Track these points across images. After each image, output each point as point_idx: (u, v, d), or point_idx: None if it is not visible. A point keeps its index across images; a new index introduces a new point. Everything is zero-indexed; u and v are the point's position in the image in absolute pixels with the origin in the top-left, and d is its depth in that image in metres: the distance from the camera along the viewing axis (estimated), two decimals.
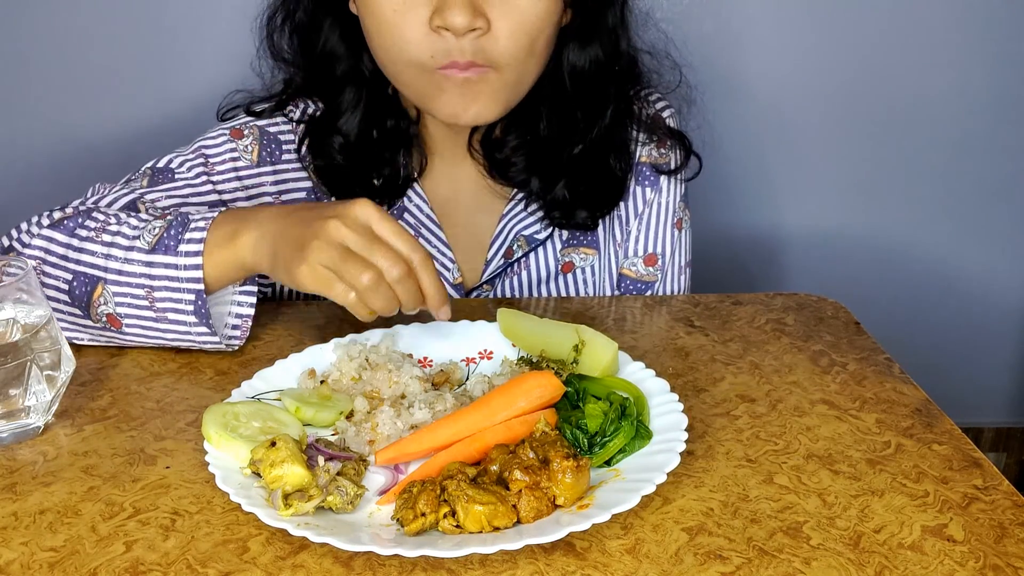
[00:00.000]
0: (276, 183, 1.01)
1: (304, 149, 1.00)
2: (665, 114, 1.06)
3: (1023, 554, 0.58)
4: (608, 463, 0.66)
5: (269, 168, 1.01)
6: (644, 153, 1.05)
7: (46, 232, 0.84)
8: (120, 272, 0.80)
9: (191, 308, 0.79)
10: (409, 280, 0.72)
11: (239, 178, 0.99)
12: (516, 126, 0.99)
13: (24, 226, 0.86)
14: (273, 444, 0.62)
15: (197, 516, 0.62)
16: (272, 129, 1.01)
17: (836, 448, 0.70)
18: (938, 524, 0.61)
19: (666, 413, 0.70)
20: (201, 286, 0.79)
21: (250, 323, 0.85)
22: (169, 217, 0.82)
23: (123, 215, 0.84)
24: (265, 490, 0.62)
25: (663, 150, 1.05)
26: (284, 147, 1.01)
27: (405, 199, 1.02)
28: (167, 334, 0.82)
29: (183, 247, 0.79)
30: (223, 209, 0.81)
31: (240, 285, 0.84)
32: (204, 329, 0.80)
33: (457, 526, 0.59)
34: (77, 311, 0.83)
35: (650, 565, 0.57)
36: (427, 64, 0.87)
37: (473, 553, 0.56)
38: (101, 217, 0.84)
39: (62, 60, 1.37)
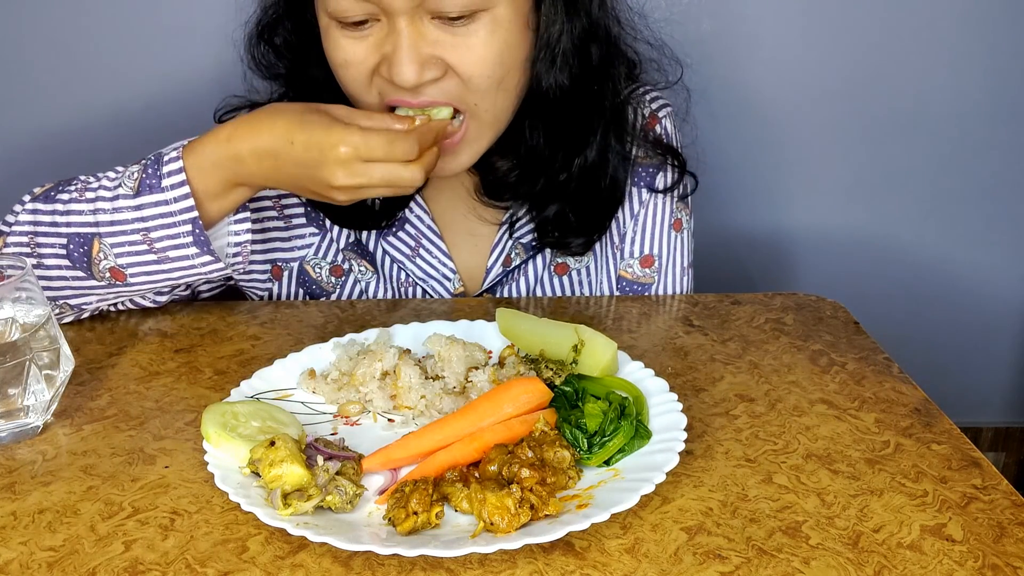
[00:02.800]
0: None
1: None
2: (660, 113, 1.05)
3: (1022, 554, 0.58)
4: (607, 463, 0.66)
5: None
6: (640, 153, 1.04)
7: (29, 206, 0.85)
8: (112, 223, 0.81)
9: (190, 239, 0.80)
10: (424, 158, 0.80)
11: None
12: (509, 142, 0.97)
13: (9, 217, 0.86)
14: (272, 444, 0.62)
15: (196, 516, 0.62)
16: None
17: (835, 448, 0.70)
18: (937, 524, 0.61)
19: (665, 413, 0.70)
20: (195, 214, 0.80)
21: (249, 248, 0.87)
22: (144, 161, 0.83)
23: (99, 174, 0.85)
24: (264, 489, 0.62)
25: (659, 149, 1.04)
26: None
27: (407, 211, 1.02)
28: (173, 272, 0.83)
29: (166, 181, 0.80)
30: (182, 144, 0.83)
31: (233, 215, 0.86)
32: (208, 258, 0.82)
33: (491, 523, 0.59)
34: (80, 273, 0.84)
35: (649, 565, 0.57)
36: (377, 104, 0.87)
37: (472, 553, 0.56)
38: (78, 182, 0.85)
39: (54, 59, 1.37)
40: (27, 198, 0.86)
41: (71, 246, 0.82)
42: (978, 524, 0.61)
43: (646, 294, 1.06)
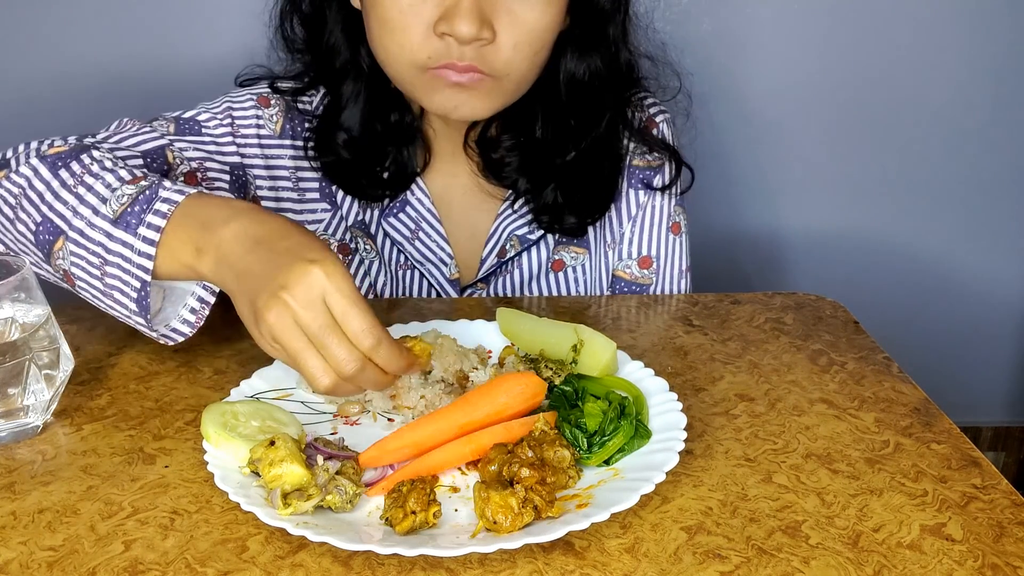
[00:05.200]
0: (294, 158, 1.02)
1: (311, 148, 1.01)
2: (658, 119, 1.06)
3: (1022, 553, 0.58)
4: (607, 462, 0.66)
5: (289, 142, 1.02)
6: (637, 156, 1.05)
7: (34, 161, 0.80)
8: (82, 233, 0.76)
9: (134, 295, 0.75)
10: (365, 372, 0.65)
11: (261, 146, 1.00)
12: (512, 127, 1.00)
13: (22, 148, 0.83)
14: (272, 443, 0.62)
15: (196, 515, 0.62)
16: (299, 105, 1.02)
17: (835, 447, 0.70)
18: (937, 523, 0.61)
19: (665, 412, 0.70)
20: (148, 276, 0.73)
21: (207, 311, 0.79)
22: (144, 184, 0.77)
23: (109, 163, 0.80)
24: (264, 489, 0.62)
25: (656, 153, 1.05)
26: (306, 124, 1.02)
27: (408, 193, 1.03)
28: (111, 309, 0.78)
29: (142, 230, 0.73)
30: (191, 192, 0.75)
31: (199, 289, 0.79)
32: (141, 320, 0.76)
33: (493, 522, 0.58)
34: (40, 255, 0.80)
35: (649, 564, 0.57)
36: (424, 64, 0.87)
37: (472, 552, 0.56)
38: (87, 161, 0.79)
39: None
40: (44, 147, 0.82)
41: (41, 227, 0.78)
42: (978, 524, 0.61)
43: (645, 294, 1.06)
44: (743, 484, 0.65)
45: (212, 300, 0.78)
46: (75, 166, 0.79)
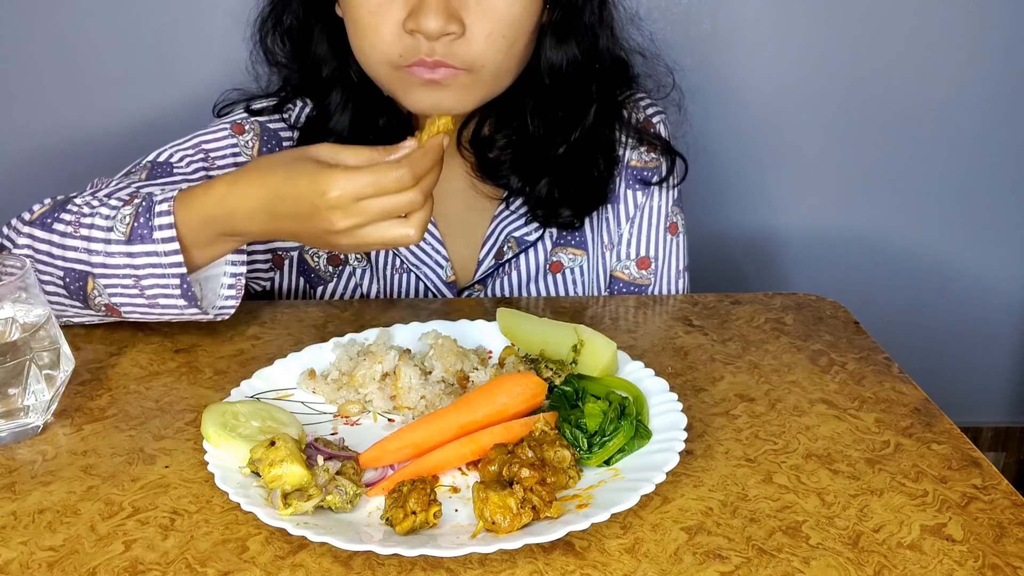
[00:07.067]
0: None
1: None
2: (655, 119, 1.06)
3: (1022, 553, 0.58)
4: (607, 462, 0.66)
5: None
6: (634, 157, 1.05)
7: (26, 229, 0.85)
8: (104, 265, 0.81)
9: (178, 292, 0.81)
10: (424, 187, 0.75)
11: None
12: (505, 125, 1.00)
13: (13, 221, 0.87)
14: (272, 443, 0.62)
15: (196, 515, 0.62)
16: (272, 126, 1.03)
17: (835, 447, 0.70)
18: (937, 523, 0.61)
19: (665, 412, 0.70)
20: (183, 270, 0.80)
21: (243, 281, 0.86)
22: (137, 201, 0.82)
23: (95, 202, 0.84)
24: (264, 489, 0.62)
25: (653, 154, 1.05)
26: (284, 144, 1.02)
27: None
28: (164, 314, 0.84)
29: (157, 234, 0.79)
30: (181, 189, 0.82)
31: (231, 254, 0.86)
32: (195, 310, 0.82)
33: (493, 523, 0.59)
34: (78, 304, 0.85)
35: (649, 564, 0.57)
36: (396, 62, 0.88)
37: (472, 553, 0.56)
38: (75, 208, 0.84)
39: (58, 59, 1.37)
40: (27, 216, 0.86)
41: (67, 279, 0.83)
42: (978, 524, 0.61)
43: (645, 294, 1.06)
44: (743, 484, 0.65)
45: (244, 270, 0.86)
46: (65, 216, 0.84)
